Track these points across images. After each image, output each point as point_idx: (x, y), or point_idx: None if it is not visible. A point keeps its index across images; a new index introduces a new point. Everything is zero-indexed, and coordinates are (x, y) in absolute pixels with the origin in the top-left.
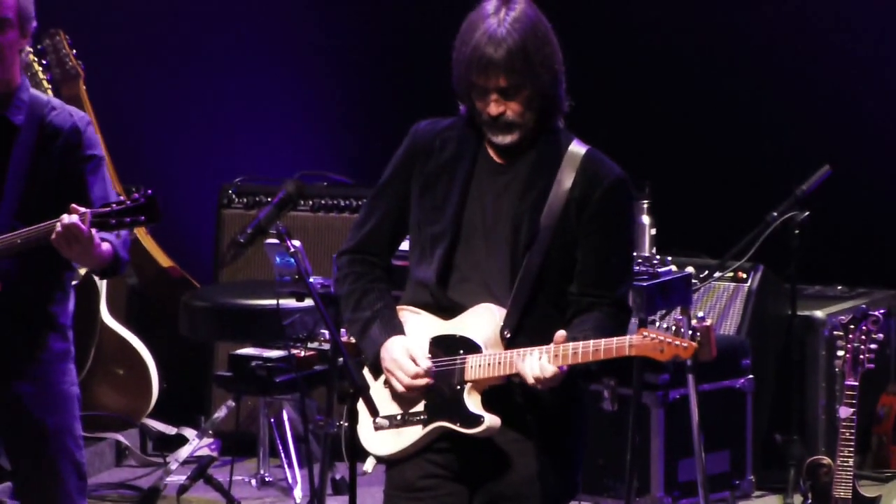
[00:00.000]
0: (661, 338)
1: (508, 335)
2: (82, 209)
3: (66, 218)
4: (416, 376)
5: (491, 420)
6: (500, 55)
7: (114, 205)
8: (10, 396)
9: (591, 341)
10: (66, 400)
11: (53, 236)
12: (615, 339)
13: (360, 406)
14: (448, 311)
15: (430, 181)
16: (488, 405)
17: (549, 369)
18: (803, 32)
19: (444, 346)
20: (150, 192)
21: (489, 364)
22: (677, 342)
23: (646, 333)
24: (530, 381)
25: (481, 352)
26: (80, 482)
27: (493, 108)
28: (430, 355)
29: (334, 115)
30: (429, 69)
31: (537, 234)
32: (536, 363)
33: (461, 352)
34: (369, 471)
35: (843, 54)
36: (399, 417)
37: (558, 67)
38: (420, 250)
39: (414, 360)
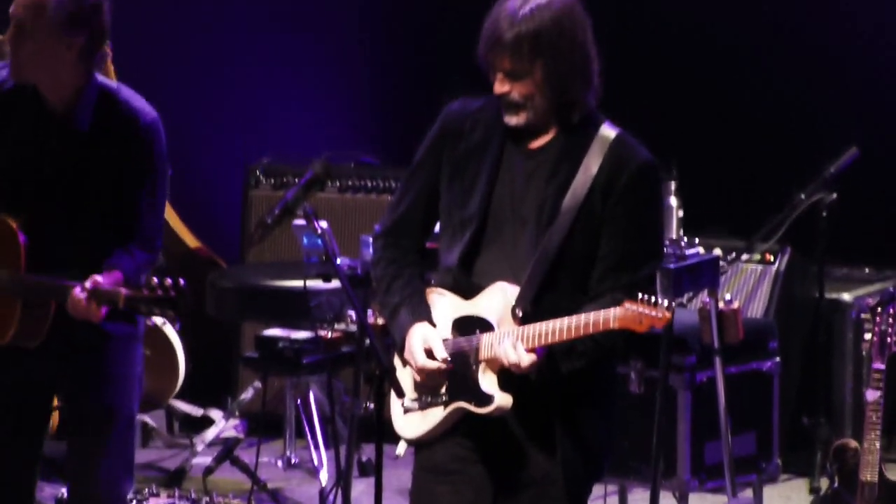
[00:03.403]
0: (640, 309)
1: (520, 313)
2: (123, 290)
3: (77, 296)
4: (421, 369)
5: (501, 399)
6: (509, 37)
7: (145, 290)
8: (68, 376)
9: (577, 316)
10: (125, 381)
11: (69, 302)
12: (602, 311)
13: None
14: (471, 292)
15: (459, 165)
16: (507, 385)
17: (525, 358)
18: (833, 13)
19: (464, 327)
20: (182, 283)
21: (500, 341)
22: (653, 312)
23: (628, 305)
24: (506, 362)
25: (494, 331)
26: (126, 464)
27: (498, 87)
28: (451, 337)
29: (362, 96)
30: (459, 49)
31: (557, 214)
32: (510, 348)
33: (477, 331)
34: (401, 454)
35: (872, 36)
36: (425, 399)
37: (576, 64)
38: (450, 234)
39: (430, 352)
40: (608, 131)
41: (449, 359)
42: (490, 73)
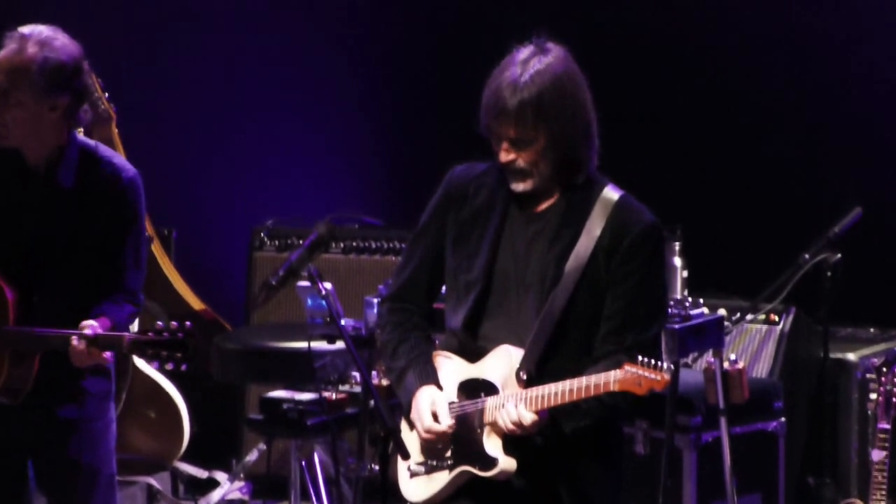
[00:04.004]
0: (639, 372)
1: (524, 376)
2: (126, 334)
3: (77, 347)
4: (428, 431)
5: (505, 462)
6: (512, 104)
7: (151, 333)
8: (49, 433)
9: (578, 379)
10: (103, 436)
11: (71, 351)
12: (602, 374)
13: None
14: (476, 355)
15: (464, 229)
16: (511, 448)
17: (527, 417)
18: (836, 75)
19: (469, 390)
20: (189, 325)
21: (503, 405)
22: (651, 375)
23: (627, 368)
24: (508, 429)
25: (499, 394)
26: None
27: (504, 156)
28: (456, 400)
29: (366, 158)
30: (461, 112)
31: (560, 278)
32: (512, 409)
33: (482, 394)
34: None
35: (875, 97)
36: (431, 463)
37: (580, 125)
38: (455, 297)
39: (435, 415)
40: (611, 193)
41: (453, 424)
42: (494, 141)
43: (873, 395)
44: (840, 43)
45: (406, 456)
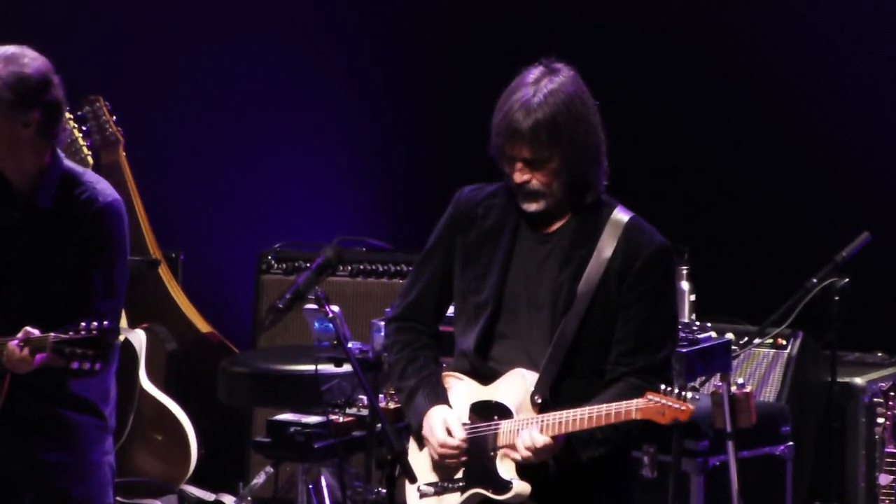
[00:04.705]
0: (663, 401)
1: (539, 400)
2: (51, 335)
3: (11, 345)
4: (443, 445)
5: (519, 487)
6: (526, 125)
7: (71, 332)
8: (36, 465)
9: (597, 406)
10: (96, 469)
11: (5, 354)
12: (623, 402)
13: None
14: (488, 377)
15: (472, 251)
16: (525, 472)
17: (540, 440)
18: (844, 99)
19: (482, 412)
20: (106, 324)
21: (519, 429)
22: (676, 405)
23: (650, 397)
24: (522, 454)
25: (513, 417)
26: None
27: (518, 177)
28: (469, 421)
29: (373, 181)
30: (467, 134)
31: (573, 300)
32: (527, 435)
33: (495, 417)
34: None
35: (883, 121)
36: (442, 485)
37: (591, 146)
38: (465, 319)
39: (449, 431)
40: (621, 215)
41: (466, 442)
42: (505, 163)
43: (881, 420)
44: (851, 70)
45: (413, 479)
